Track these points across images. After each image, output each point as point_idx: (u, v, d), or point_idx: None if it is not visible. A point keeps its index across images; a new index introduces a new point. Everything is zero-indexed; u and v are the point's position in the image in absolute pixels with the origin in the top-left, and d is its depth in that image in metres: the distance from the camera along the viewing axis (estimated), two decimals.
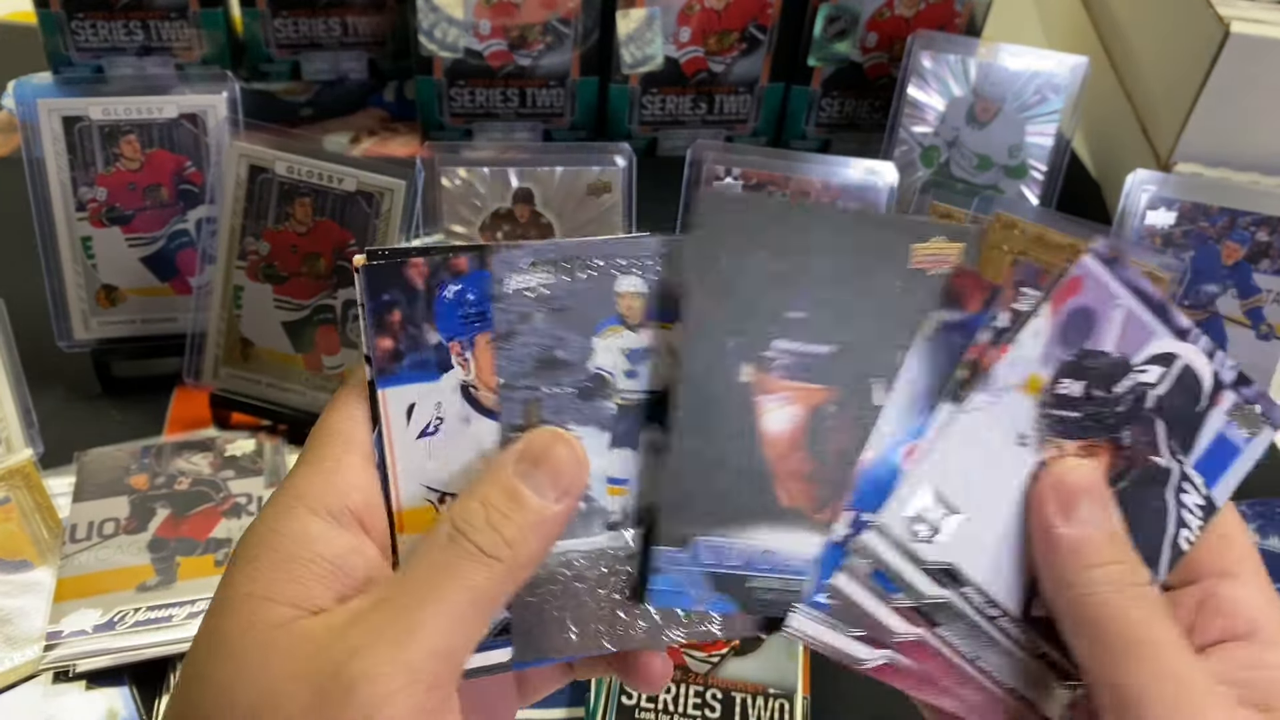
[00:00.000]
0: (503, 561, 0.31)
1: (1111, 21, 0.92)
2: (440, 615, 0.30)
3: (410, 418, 0.34)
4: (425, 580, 0.31)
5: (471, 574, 0.31)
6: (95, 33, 0.85)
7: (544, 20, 0.82)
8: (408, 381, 0.34)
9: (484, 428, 0.34)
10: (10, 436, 0.60)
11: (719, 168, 0.63)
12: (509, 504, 0.32)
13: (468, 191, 0.61)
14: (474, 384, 0.34)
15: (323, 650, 0.30)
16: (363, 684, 0.29)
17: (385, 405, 0.34)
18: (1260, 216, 0.64)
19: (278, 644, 0.30)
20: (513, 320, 0.34)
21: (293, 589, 0.31)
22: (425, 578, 0.31)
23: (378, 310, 0.33)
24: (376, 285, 0.33)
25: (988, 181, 0.77)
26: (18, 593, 0.54)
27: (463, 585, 0.31)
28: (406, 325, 0.33)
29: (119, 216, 0.64)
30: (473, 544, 0.31)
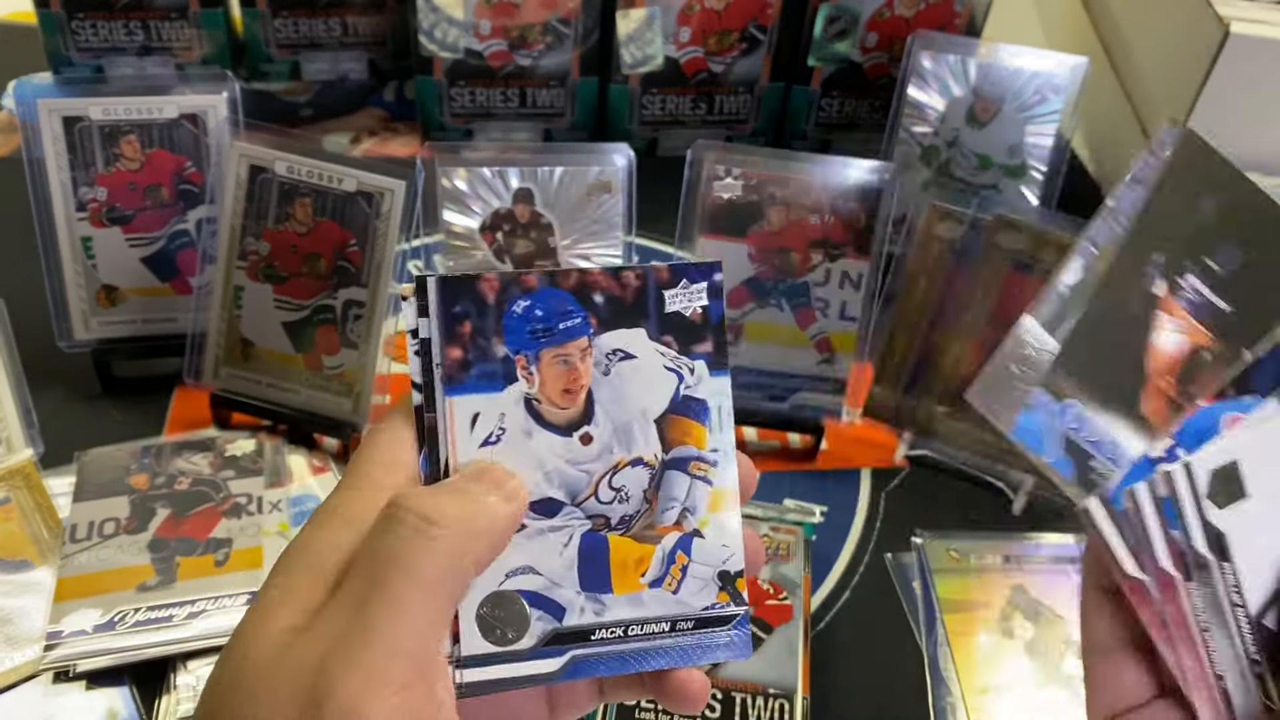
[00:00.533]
0: (446, 529, 0.30)
1: (1111, 22, 0.92)
2: (392, 609, 0.29)
3: (474, 426, 0.34)
4: (371, 573, 0.30)
5: (416, 555, 0.30)
6: (95, 33, 0.85)
7: (544, 20, 0.82)
8: (473, 391, 0.34)
9: (544, 440, 0.35)
10: (10, 436, 0.60)
11: (719, 168, 0.64)
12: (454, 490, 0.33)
13: (468, 191, 0.61)
14: (537, 397, 0.35)
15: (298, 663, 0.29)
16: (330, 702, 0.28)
17: (451, 413, 0.34)
18: None
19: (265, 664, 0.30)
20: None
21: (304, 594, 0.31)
22: (370, 569, 0.30)
23: (449, 321, 0.34)
24: (449, 297, 0.34)
25: (987, 181, 0.77)
26: (18, 593, 0.54)
27: (409, 573, 0.30)
28: (476, 337, 0.34)
29: (119, 217, 0.64)
30: (409, 512, 0.31)
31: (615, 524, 0.36)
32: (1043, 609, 0.59)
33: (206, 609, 0.53)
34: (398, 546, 0.30)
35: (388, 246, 0.61)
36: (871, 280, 0.65)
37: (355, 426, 0.63)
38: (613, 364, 0.35)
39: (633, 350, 0.35)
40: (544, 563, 0.35)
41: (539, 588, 0.35)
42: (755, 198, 0.64)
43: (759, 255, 0.64)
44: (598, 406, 0.35)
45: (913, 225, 0.65)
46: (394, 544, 0.30)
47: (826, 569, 0.61)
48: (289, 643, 0.30)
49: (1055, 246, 0.61)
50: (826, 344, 0.65)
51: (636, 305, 0.35)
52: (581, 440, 0.35)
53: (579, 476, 0.35)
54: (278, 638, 0.30)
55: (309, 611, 0.30)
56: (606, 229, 0.62)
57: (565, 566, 0.35)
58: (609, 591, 0.35)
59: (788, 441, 0.68)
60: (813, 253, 0.64)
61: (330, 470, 0.62)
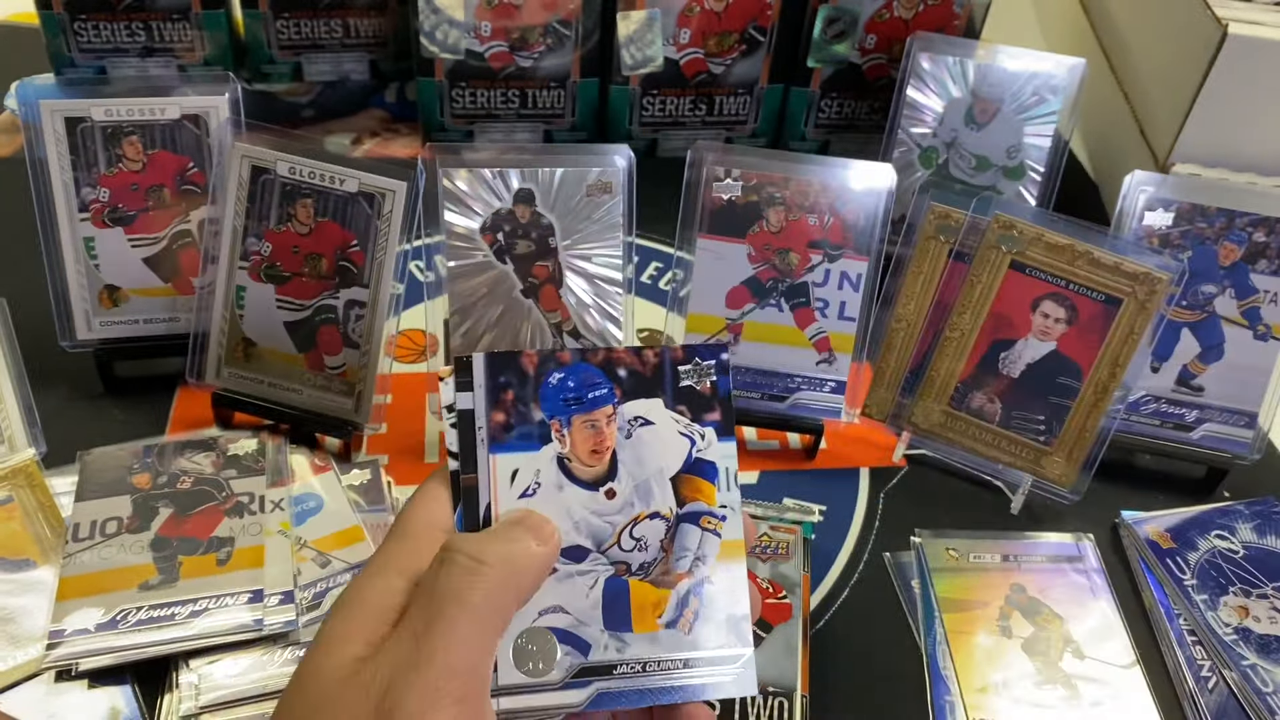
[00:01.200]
0: (492, 567, 0.36)
1: (1109, 23, 0.92)
2: (449, 634, 0.34)
3: (513, 480, 0.40)
4: (430, 606, 0.35)
5: (469, 590, 0.35)
6: (98, 34, 0.85)
7: (545, 22, 0.82)
8: (513, 450, 0.40)
9: (574, 494, 0.40)
10: (13, 436, 0.60)
11: (719, 168, 0.64)
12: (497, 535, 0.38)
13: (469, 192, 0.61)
14: (568, 456, 0.40)
15: (366, 689, 0.34)
16: (399, 713, 0.33)
17: (494, 468, 0.40)
18: (1257, 217, 0.65)
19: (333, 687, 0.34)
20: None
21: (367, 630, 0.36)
22: (428, 604, 0.35)
23: (494, 390, 0.40)
24: (495, 369, 0.40)
25: (986, 182, 0.77)
26: (20, 591, 0.55)
27: (463, 605, 0.35)
28: (516, 404, 0.40)
29: (121, 217, 0.64)
30: (461, 554, 0.36)
31: (635, 570, 0.40)
32: (1041, 608, 0.59)
33: (208, 608, 0.54)
34: (451, 582, 0.35)
35: (389, 247, 0.61)
36: (871, 280, 0.65)
37: (356, 426, 0.63)
38: (634, 429, 0.41)
39: (651, 417, 0.41)
40: (572, 603, 0.40)
41: (567, 625, 0.39)
42: (755, 198, 0.64)
43: (759, 255, 0.65)
44: (621, 466, 0.41)
45: (912, 225, 0.65)
46: (448, 580, 0.35)
47: (826, 568, 0.62)
48: (357, 669, 0.34)
49: (1053, 247, 0.62)
50: (826, 344, 0.66)
51: (654, 379, 0.41)
52: (606, 495, 0.40)
53: (604, 526, 0.40)
54: (346, 666, 0.35)
55: (371, 644, 0.35)
56: (606, 230, 0.62)
57: (591, 607, 0.40)
58: (629, 630, 0.40)
59: (787, 441, 0.69)
60: (812, 253, 0.65)
61: (332, 469, 0.63)
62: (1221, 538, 0.63)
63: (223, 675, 0.52)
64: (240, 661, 0.52)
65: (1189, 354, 0.66)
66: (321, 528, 0.59)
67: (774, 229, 0.64)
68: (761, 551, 0.60)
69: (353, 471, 0.63)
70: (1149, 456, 0.68)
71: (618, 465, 0.41)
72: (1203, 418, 0.67)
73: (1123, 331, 0.61)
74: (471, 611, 0.35)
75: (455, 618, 0.35)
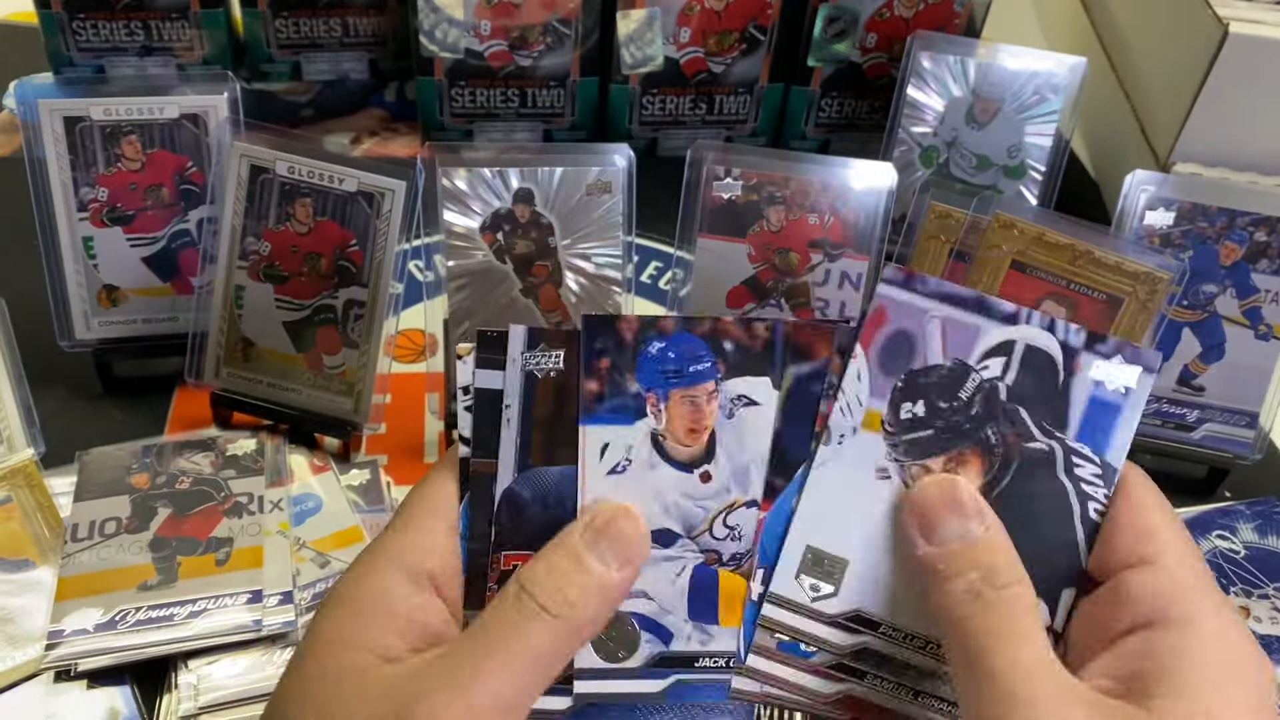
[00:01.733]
0: (563, 620, 0.34)
1: (1110, 22, 0.92)
2: (503, 666, 0.33)
3: (603, 455, 0.37)
4: (491, 634, 0.34)
5: (534, 631, 0.34)
6: (96, 33, 0.85)
7: (544, 21, 0.82)
8: (605, 423, 0.37)
9: (666, 474, 0.37)
10: (12, 436, 0.60)
11: (719, 168, 0.64)
12: (573, 568, 0.35)
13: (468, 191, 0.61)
14: (663, 433, 0.37)
15: (391, 693, 0.32)
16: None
17: (584, 441, 0.37)
18: (1259, 216, 0.64)
19: (351, 686, 0.33)
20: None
21: (369, 636, 0.34)
22: (492, 632, 0.34)
23: (590, 356, 0.37)
24: (593, 333, 0.37)
25: (987, 182, 0.77)
26: (19, 592, 0.55)
27: (525, 641, 0.33)
28: (612, 373, 0.37)
29: (120, 216, 0.64)
30: (537, 603, 0.34)
31: (726, 560, 0.38)
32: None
33: (207, 608, 0.53)
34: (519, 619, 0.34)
35: (388, 246, 0.61)
36: (871, 280, 0.65)
37: (356, 426, 0.63)
38: (736, 408, 0.37)
39: (756, 397, 0.37)
40: (657, 589, 0.37)
41: (650, 612, 0.37)
42: (755, 198, 0.64)
43: (759, 255, 0.65)
44: (719, 447, 0.37)
45: (912, 225, 0.65)
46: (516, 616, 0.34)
47: None
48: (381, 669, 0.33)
49: (1054, 246, 0.61)
50: None
51: (763, 355, 0.37)
52: (701, 478, 0.38)
53: (696, 511, 0.38)
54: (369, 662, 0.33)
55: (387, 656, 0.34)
56: (606, 229, 0.62)
57: (677, 595, 0.37)
58: (715, 623, 0.37)
59: None
60: (813, 253, 0.64)
61: (331, 469, 0.62)
62: (1222, 538, 0.63)
63: (222, 676, 0.52)
64: (239, 662, 0.52)
65: (1190, 354, 0.66)
66: (321, 528, 0.59)
67: (774, 228, 0.64)
68: None
69: (352, 471, 0.63)
70: (1149, 456, 0.68)
71: (715, 446, 0.37)
72: (1204, 418, 0.67)
73: (1124, 331, 0.61)
74: (534, 653, 0.33)
75: (516, 653, 0.33)
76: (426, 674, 0.33)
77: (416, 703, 0.32)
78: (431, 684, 0.32)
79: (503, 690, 0.32)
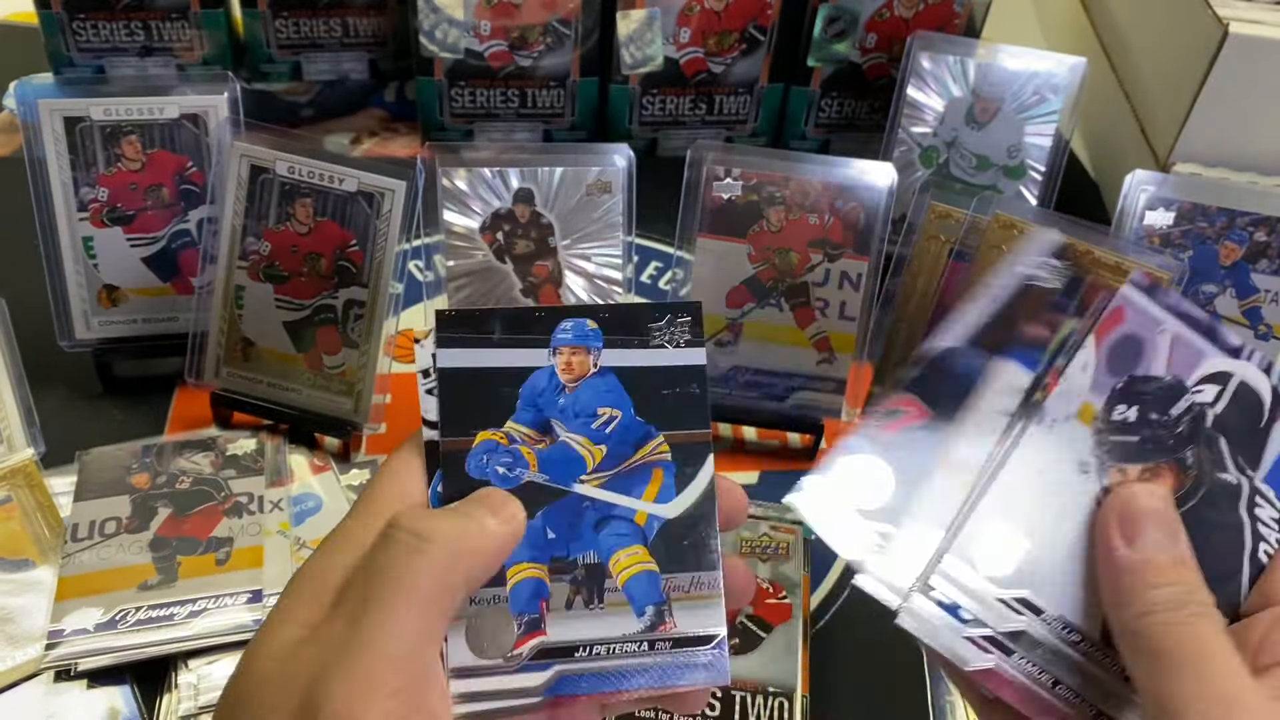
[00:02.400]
0: (437, 545, 0.33)
1: (1110, 22, 0.92)
2: (385, 620, 0.31)
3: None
4: (366, 587, 0.32)
5: (408, 569, 0.32)
6: (96, 33, 0.85)
7: (544, 21, 0.82)
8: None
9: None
10: (12, 436, 0.60)
11: (719, 168, 0.64)
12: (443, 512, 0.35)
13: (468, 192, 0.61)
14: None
15: (296, 675, 0.31)
16: (326, 706, 0.30)
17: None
18: (1258, 216, 0.64)
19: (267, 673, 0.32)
20: None
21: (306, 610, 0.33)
22: (364, 584, 0.32)
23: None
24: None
25: (986, 182, 0.77)
26: (19, 591, 0.55)
27: (401, 586, 0.32)
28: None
29: (120, 217, 0.64)
30: (405, 531, 0.33)
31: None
32: None
33: (207, 608, 0.53)
34: (391, 562, 0.32)
35: (388, 246, 0.61)
36: (871, 280, 0.65)
37: (356, 426, 0.63)
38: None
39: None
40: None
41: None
42: (755, 198, 0.64)
43: (759, 255, 0.65)
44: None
45: (912, 225, 0.65)
46: (387, 560, 0.32)
47: (826, 568, 0.62)
48: (290, 654, 0.31)
49: None
50: (826, 344, 0.65)
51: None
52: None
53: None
54: (278, 651, 0.32)
55: (310, 626, 0.32)
56: (606, 229, 0.62)
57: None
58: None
59: (788, 441, 0.69)
60: (812, 253, 0.64)
61: (331, 469, 0.62)
62: None
63: (222, 675, 0.52)
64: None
65: None
66: (320, 528, 0.59)
67: (774, 228, 0.64)
68: (761, 551, 0.60)
69: (352, 471, 0.63)
70: None
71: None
72: None
73: None
74: (411, 594, 0.32)
75: (393, 601, 0.31)
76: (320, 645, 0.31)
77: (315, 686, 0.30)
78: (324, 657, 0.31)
79: (391, 647, 0.31)
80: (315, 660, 0.31)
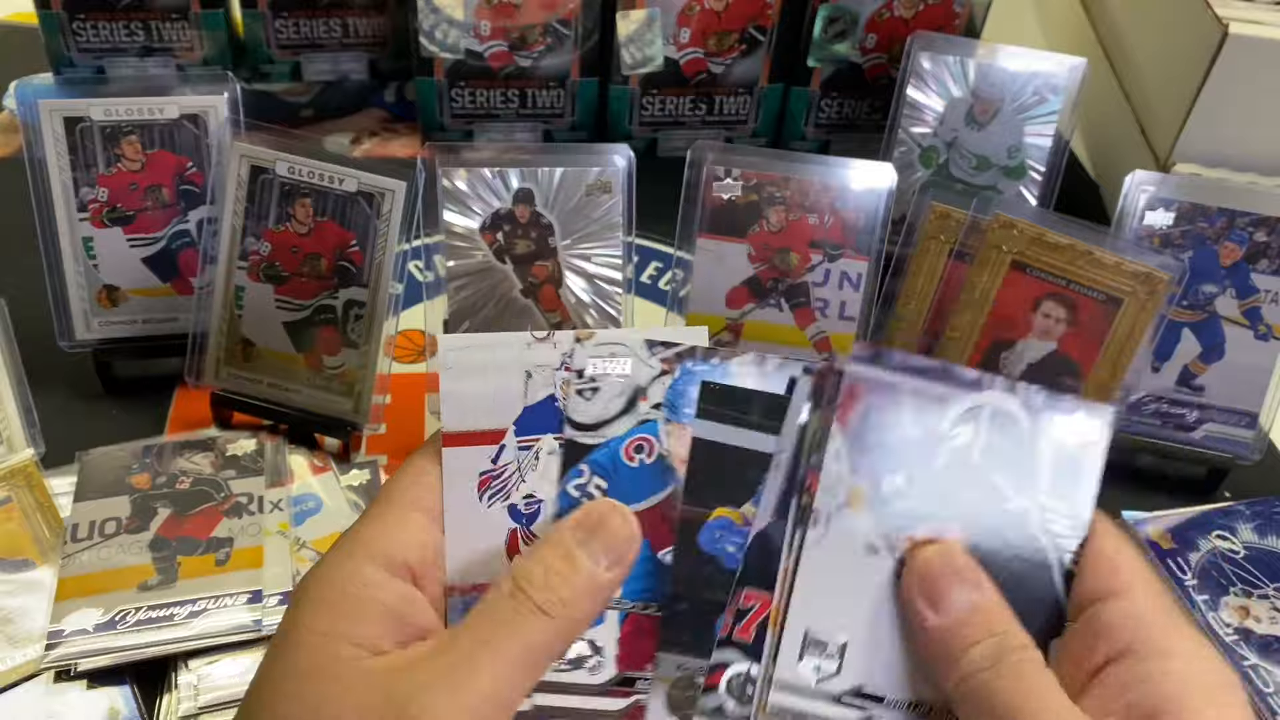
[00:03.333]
0: (556, 619, 0.34)
1: (1110, 23, 0.92)
2: (497, 663, 0.33)
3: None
4: (485, 630, 0.34)
5: (527, 628, 0.34)
6: (96, 34, 0.85)
7: (544, 21, 0.82)
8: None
9: None
10: (12, 436, 0.60)
11: (719, 168, 0.64)
12: (566, 566, 0.35)
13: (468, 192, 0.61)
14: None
15: (385, 688, 0.32)
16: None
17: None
18: (1258, 217, 0.64)
19: (343, 680, 0.33)
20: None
21: (357, 630, 0.34)
22: (486, 628, 0.34)
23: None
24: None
25: (986, 182, 0.77)
26: (19, 592, 0.55)
27: (519, 638, 0.34)
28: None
29: (120, 217, 0.64)
30: (531, 601, 0.34)
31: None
32: None
33: (207, 608, 0.53)
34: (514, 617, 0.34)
35: (388, 247, 0.61)
36: (871, 280, 0.65)
37: (356, 426, 0.63)
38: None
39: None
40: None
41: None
42: (755, 198, 0.64)
43: (759, 255, 0.65)
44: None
45: (912, 225, 0.65)
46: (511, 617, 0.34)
47: None
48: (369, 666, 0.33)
49: (1054, 246, 0.62)
50: (826, 344, 0.65)
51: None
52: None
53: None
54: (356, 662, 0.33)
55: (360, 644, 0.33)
56: (606, 229, 0.62)
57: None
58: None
59: None
60: (812, 253, 0.64)
61: (331, 470, 0.62)
62: (1222, 538, 0.63)
63: (222, 676, 0.52)
64: (239, 662, 0.52)
65: (1190, 354, 0.66)
66: (321, 528, 0.59)
67: (774, 229, 0.64)
68: None
69: (352, 472, 0.63)
70: (1149, 456, 0.68)
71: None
72: (1203, 418, 0.67)
73: (1124, 331, 0.61)
74: (528, 652, 0.34)
75: (510, 653, 0.33)
76: (421, 669, 0.33)
77: (411, 700, 0.32)
78: (427, 680, 0.32)
79: (497, 688, 0.33)
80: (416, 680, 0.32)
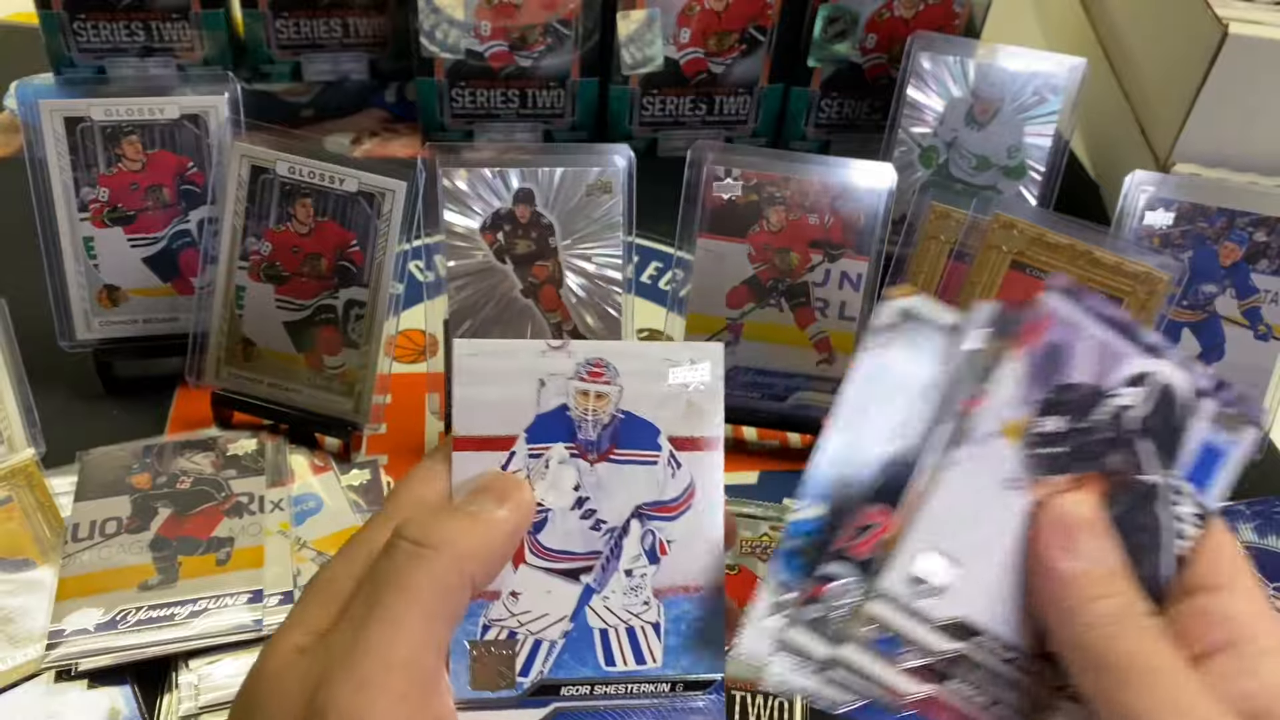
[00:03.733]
0: (438, 551, 0.33)
1: (1110, 22, 0.92)
2: (388, 626, 0.31)
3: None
4: (370, 594, 0.32)
5: (411, 576, 0.32)
6: (97, 34, 0.85)
7: (544, 21, 0.82)
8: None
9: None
10: (12, 436, 0.60)
11: (719, 168, 0.64)
12: (444, 508, 0.35)
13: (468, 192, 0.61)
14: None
15: (300, 683, 0.32)
16: (331, 712, 0.30)
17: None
18: (1258, 217, 0.64)
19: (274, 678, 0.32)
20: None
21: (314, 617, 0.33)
22: (369, 592, 0.33)
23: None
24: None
25: (986, 182, 0.77)
26: (20, 591, 0.55)
27: (404, 592, 0.32)
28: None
29: (121, 217, 0.64)
30: (406, 540, 0.33)
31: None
32: None
33: (208, 608, 0.53)
34: (394, 568, 0.33)
35: (388, 247, 0.61)
36: (871, 280, 0.65)
37: (356, 426, 0.63)
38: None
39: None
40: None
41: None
42: (755, 198, 0.64)
43: (759, 255, 0.65)
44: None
45: (912, 225, 0.65)
46: (390, 566, 0.33)
47: None
48: (294, 661, 0.32)
49: (1054, 246, 0.62)
50: (826, 344, 0.66)
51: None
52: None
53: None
54: (285, 657, 0.32)
55: (317, 633, 0.33)
56: (606, 229, 0.62)
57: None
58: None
59: (788, 441, 0.69)
60: (812, 253, 0.65)
61: (331, 469, 0.62)
62: None
63: (222, 676, 0.52)
64: (240, 662, 0.52)
65: (1190, 354, 0.66)
66: (321, 528, 0.59)
67: (774, 229, 0.64)
68: (762, 551, 0.60)
69: (352, 472, 0.63)
70: None
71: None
72: None
73: None
74: (415, 600, 0.32)
75: (396, 607, 0.32)
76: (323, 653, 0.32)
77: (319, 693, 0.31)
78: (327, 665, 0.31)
79: (394, 653, 0.31)
80: (320, 666, 0.31)
